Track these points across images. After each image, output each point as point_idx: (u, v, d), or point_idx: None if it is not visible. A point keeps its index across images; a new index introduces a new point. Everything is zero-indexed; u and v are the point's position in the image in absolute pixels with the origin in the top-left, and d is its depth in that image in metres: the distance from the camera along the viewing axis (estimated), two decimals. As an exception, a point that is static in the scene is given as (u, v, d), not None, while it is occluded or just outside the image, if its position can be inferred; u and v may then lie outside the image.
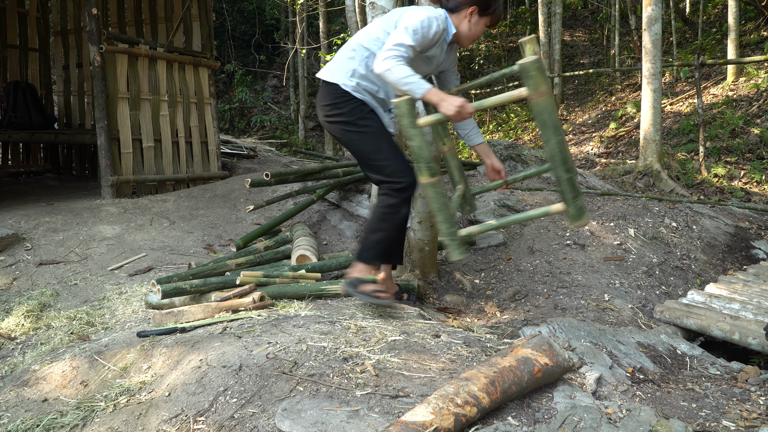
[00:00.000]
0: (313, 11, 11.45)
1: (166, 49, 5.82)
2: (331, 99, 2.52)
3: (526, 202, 4.54)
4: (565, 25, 14.49)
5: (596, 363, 1.99)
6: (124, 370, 2.16)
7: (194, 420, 1.64)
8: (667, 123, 8.62)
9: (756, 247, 4.28)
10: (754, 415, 1.80)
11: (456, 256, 2.37)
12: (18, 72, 7.09)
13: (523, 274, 3.52)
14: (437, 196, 2.29)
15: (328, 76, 2.54)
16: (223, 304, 2.59)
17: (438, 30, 2.39)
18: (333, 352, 1.92)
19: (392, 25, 2.44)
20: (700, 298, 3.04)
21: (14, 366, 2.52)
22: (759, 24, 10.23)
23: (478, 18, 2.48)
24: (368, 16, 3.12)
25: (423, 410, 1.41)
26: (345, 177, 4.48)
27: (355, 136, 2.52)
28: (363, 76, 2.49)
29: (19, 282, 3.49)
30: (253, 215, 4.70)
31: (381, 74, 2.31)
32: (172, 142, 5.85)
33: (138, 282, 3.37)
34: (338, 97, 2.50)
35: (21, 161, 7.24)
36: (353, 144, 2.55)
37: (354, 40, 2.55)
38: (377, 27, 2.50)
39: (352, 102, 2.50)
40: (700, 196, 5.68)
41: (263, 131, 14.53)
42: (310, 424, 1.48)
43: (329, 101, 2.53)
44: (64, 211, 4.59)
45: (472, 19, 2.48)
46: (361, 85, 2.50)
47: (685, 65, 7.18)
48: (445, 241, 2.35)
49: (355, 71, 2.48)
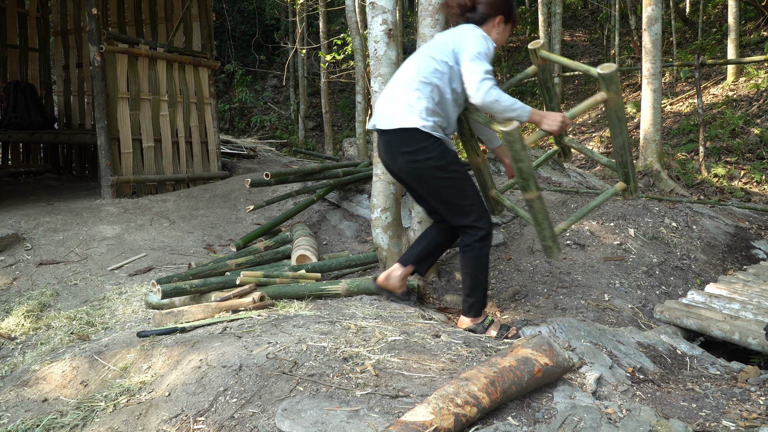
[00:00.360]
0: (313, 11, 11.45)
1: (166, 49, 5.82)
2: (416, 144, 2.43)
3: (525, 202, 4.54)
4: (565, 25, 14.49)
5: (596, 363, 1.99)
6: (124, 370, 2.16)
7: (194, 420, 1.64)
8: (667, 123, 8.62)
9: (756, 247, 4.28)
10: (754, 415, 1.80)
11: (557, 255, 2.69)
12: (18, 72, 7.10)
13: (523, 274, 3.52)
14: (542, 207, 2.56)
15: (402, 122, 2.43)
16: (223, 304, 2.59)
17: (492, 45, 2.45)
18: (333, 352, 1.92)
19: (449, 54, 2.42)
20: (700, 298, 3.04)
21: (14, 366, 2.52)
22: (759, 24, 10.23)
23: (504, 26, 2.57)
24: (368, 16, 3.13)
25: (423, 410, 1.41)
26: (345, 177, 4.48)
27: (445, 181, 2.48)
28: (434, 113, 2.44)
29: (19, 282, 3.49)
30: (253, 215, 4.70)
31: (488, 104, 2.31)
32: (172, 142, 5.85)
33: (138, 282, 3.37)
34: (422, 140, 2.43)
35: (21, 161, 7.24)
36: (442, 190, 2.50)
37: (408, 78, 2.46)
38: (429, 59, 2.45)
39: (437, 144, 2.44)
40: (700, 196, 5.68)
41: (263, 131, 14.53)
42: (310, 424, 1.48)
43: (414, 146, 2.43)
44: (64, 211, 4.59)
45: (499, 27, 2.55)
46: (437, 123, 2.44)
47: (685, 65, 7.18)
48: (548, 244, 2.64)
49: (428, 109, 2.42)
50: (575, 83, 13.02)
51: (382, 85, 3.09)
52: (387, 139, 2.51)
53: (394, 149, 2.49)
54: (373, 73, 3.12)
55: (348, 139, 6.52)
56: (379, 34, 3.07)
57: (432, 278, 3.28)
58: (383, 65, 3.08)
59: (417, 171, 2.48)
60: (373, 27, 3.10)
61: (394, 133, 2.46)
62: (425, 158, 2.44)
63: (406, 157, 2.46)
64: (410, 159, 2.46)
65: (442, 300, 3.17)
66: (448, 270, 3.46)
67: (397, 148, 2.48)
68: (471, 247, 2.56)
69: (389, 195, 3.16)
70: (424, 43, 3.03)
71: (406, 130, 2.43)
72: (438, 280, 3.30)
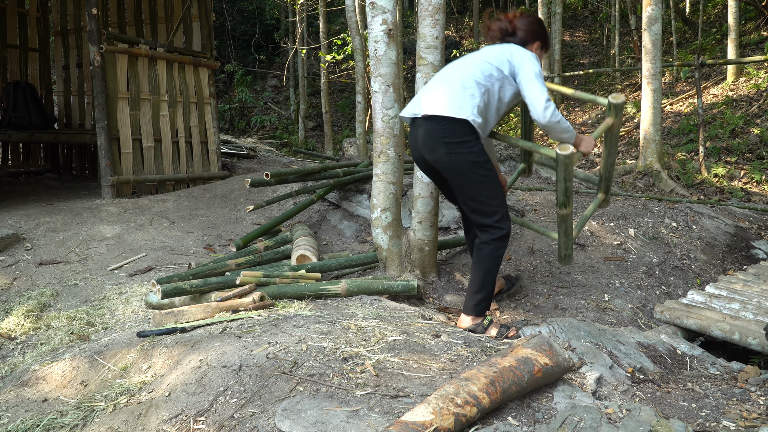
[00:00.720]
0: (313, 11, 11.45)
1: (166, 49, 5.82)
2: (461, 136, 2.49)
3: (525, 202, 4.55)
4: (565, 25, 14.49)
5: (596, 363, 1.99)
6: (124, 370, 2.16)
7: (194, 420, 1.64)
8: (667, 123, 8.62)
9: (756, 247, 4.28)
10: (754, 415, 1.80)
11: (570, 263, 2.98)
12: (18, 72, 7.10)
13: (523, 274, 3.52)
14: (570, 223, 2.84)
15: (454, 111, 2.48)
16: (223, 304, 2.59)
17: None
18: (333, 352, 1.92)
19: (505, 63, 2.57)
20: (700, 298, 3.04)
21: (14, 366, 2.52)
22: (759, 24, 10.23)
23: (540, 51, 2.77)
24: (368, 16, 3.13)
25: (423, 410, 1.41)
26: (345, 177, 4.48)
27: (480, 178, 2.54)
28: (481, 112, 2.53)
29: (19, 282, 3.49)
30: (253, 215, 4.70)
31: (551, 125, 2.50)
32: (172, 142, 5.85)
33: (138, 282, 3.37)
34: (468, 134, 2.49)
35: (21, 161, 7.24)
36: (474, 185, 2.56)
37: (466, 76, 2.55)
38: (486, 63, 2.56)
39: (479, 142, 2.53)
40: (700, 196, 5.68)
41: (263, 131, 14.53)
42: (310, 424, 1.48)
43: (459, 138, 2.49)
44: (64, 211, 4.60)
45: (536, 53, 2.74)
46: (479, 123, 2.52)
47: (685, 65, 7.18)
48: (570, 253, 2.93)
49: (478, 107, 2.50)
50: (575, 83, 13.01)
51: (382, 85, 3.09)
52: (430, 127, 2.54)
53: (437, 138, 2.52)
54: (373, 73, 3.12)
55: (348, 139, 6.53)
56: (379, 34, 3.07)
57: (432, 278, 3.28)
58: (383, 65, 3.08)
59: (455, 163, 2.52)
60: (373, 27, 3.10)
61: (442, 120, 2.50)
62: (467, 152, 2.49)
63: (449, 147, 2.49)
64: (452, 150, 2.49)
65: (442, 300, 3.17)
66: (448, 270, 3.46)
67: (440, 137, 2.51)
68: (489, 245, 2.61)
69: (389, 195, 3.16)
70: (423, 42, 3.04)
71: (456, 120, 2.47)
72: (438, 280, 3.30)
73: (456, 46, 14.65)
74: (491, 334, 2.59)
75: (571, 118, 11.12)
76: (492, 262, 2.62)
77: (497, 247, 2.61)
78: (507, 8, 16.02)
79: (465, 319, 2.66)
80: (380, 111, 3.11)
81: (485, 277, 2.63)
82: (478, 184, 2.55)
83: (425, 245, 3.22)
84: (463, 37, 16.09)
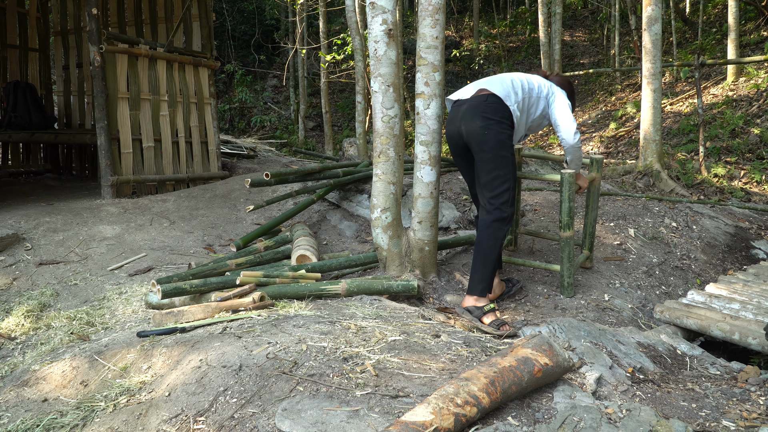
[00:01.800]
0: (313, 11, 11.45)
1: (166, 49, 5.82)
2: (500, 115, 2.83)
3: (526, 202, 4.55)
4: (565, 25, 14.49)
5: (596, 363, 1.99)
6: (124, 370, 2.16)
7: (194, 420, 1.64)
8: (667, 123, 8.62)
9: (756, 247, 4.28)
10: (754, 415, 1.80)
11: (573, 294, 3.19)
12: (18, 72, 7.09)
13: (524, 274, 3.52)
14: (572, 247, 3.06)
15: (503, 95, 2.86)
16: (223, 304, 2.59)
17: None
18: (333, 352, 1.92)
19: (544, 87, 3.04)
20: (700, 298, 3.04)
21: (14, 366, 2.52)
22: (759, 24, 10.23)
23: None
24: (368, 16, 3.12)
25: (423, 410, 1.41)
26: (345, 177, 4.48)
27: (502, 158, 2.82)
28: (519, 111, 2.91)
29: (19, 282, 3.49)
30: (253, 215, 4.70)
31: (574, 148, 2.97)
32: (172, 142, 5.85)
33: (138, 282, 3.37)
34: (506, 117, 2.84)
35: (21, 161, 7.24)
36: (496, 161, 2.81)
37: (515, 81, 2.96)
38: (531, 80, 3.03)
39: (511, 129, 2.88)
40: (700, 196, 5.68)
41: (263, 131, 14.53)
42: (310, 424, 1.48)
43: (498, 117, 2.83)
44: (64, 211, 4.59)
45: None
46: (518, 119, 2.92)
47: (685, 65, 7.18)
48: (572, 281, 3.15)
49: (518, 104, 2.91)
50: (575, 83, 13.01)
51: (382, 85, 3.09)
52: (476, 102, 2.86)
53: (480, 110, 2.83)
54: (373, 73, 3.12)
55: (348, 139, 6.52)
56: (379, 34, 3.07)
57: (432, 278, 3.28)
58: (383, 65, 3.08)
59: (487, 137, 2.80)
60: (373, 27, 3.09)
61: (490, 97, 2.85)
62: (500, 130, 2.80)
63: (486, 121, 2.80)
64: (488, 125, 2.79)
65: (442, 300, 3.17)
66: (448, 270, 3.46)
67: (482, 112, 2.82)
68: (489, 227, 2.81)
69: (389, 195, 3.16)
70: (423, 42, 3.04)
71: (501, 102, 2.83)
72: (438, 280, 3.30)
73: (456, 46, 14.65)
74: (485, 321, 2.68)
75: (571, 118, 11.10)
76: (491, 243, 2.79)
77: (497, 228, 2.79)
78: (507, 8, 16.03)
79: (467, 299, 2.84)
80: (380, 111, 3.11)
81: (485, 257, 2.80)
82: (499, 162, 2.80)
83: (425, 245, 3.22)
84: (463, 37, 16.09)
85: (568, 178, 2.90)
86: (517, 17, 15.39)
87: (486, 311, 2.74)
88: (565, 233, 2.98)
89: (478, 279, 2.81)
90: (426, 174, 3.13)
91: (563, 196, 2.93)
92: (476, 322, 2.78)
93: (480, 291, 2.79)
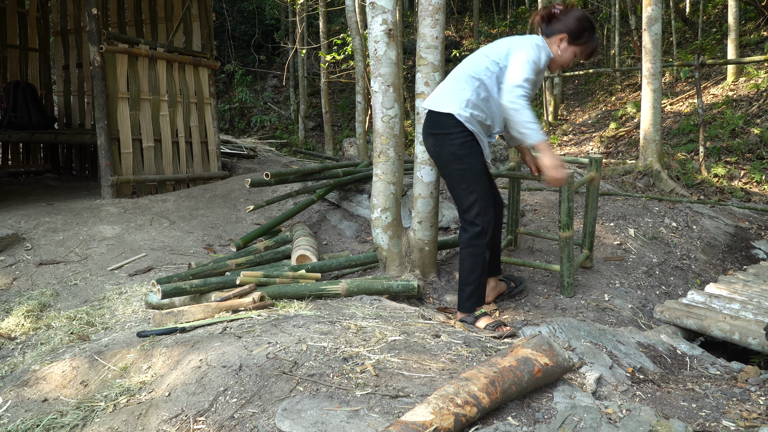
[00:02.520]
0: (313, 11, 11.45)
1: (166, 49, 5.82)
2: (445, 129, 2.63)
3: (526, 202, 4.54)
4: (565, 25, 14.45)
5: (596, 363, 1.99)
6: (124, 370, 2.16)
7: (194, 420, 1.64)
8: (667, 123, 8.62)
9: (756, 247, 4.28)
10: (754, 415, 1.80)
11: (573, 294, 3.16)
12: (18, 72, 7.09)
13: (524, 274, 3.52)
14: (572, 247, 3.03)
15: (441, 106, 2.64)
16: (223, 304, 2.58)
17: (546, 58, 2.63)
18: (333, 352, 1.92)
19: (503, 56, 2.59)
20: (700, 298, 3.04)
21: (14, 366, 2.52)
22: (759, 24, 10.23)
23: (567, 45, 2.67)
24: (368, 16, 3.12)
25: (423, 410, 1.41)
26: (345, 177, 4.48)
27: (458, 171, 2.66)
28: (475, 105, 2.60)
29: (19, 282, 3.49)
30: (253, 215, 4.70)
31: (507, 110, 2.48)
32: (172, 142, 5.85)
33: (138, 282, 3.37)
34: (451, 127, 2.61)
35: (21, 161, 7.24)
36: (452, 176, 2.69)
37: (460, 72, 2.66)
38: (483, 57, 2.64)
39: (463, 134, 2.61)
40: (700, 196, 5.68)
41: (263, 131, 14.53)
42: (310, 424, 1.48)
43: (443, 131, 2.64)
44: (64, 211, 4.59)
45: (561, 45, 2.68)
46: (474, 115, 2.60)
47: (685, 65, 7.17)
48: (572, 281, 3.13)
49: (468, 101, 2.59)
50: (575, 83, 13.02)
51: (382, 85, 3.09)
52: (426, 119, 2.75)
53: (426, 129, 2.73)
54: (373, 73, 3.12)
55: (348, 139, 6.52)
56: (379, 34, 3.07)
57: (432, 278, 3.28)
58: (383, 65, 3.08)
59: (438, 154, 2.70)
60: (373, 27, 3.09)
61: (431, 114, 2.70)
62: (448, 143, 2.63)
63: (433, 138, 2.69)
64: (436, 141, 2.68)
65: (442, 300, 3.17)
66: (448, 270, 3.46)
67: (429, 129, 2.71)
68: (467, 246, 2.72)
69: (389, 195, 3.16)
70: (423, 42, 3.04)
71: (441, 114, 2.64)
72: (438, 280, 3.30)
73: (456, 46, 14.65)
74: (479, 325, 2.67)
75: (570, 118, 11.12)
76: (471, 262, 2.72)
77: (475, 246, 2.69)
78: (507, 8, 16.03)
79: (459, 314, 2.81)
80: (380, 111, 3.11)
81: (468, 275, 2.73)
82: (456, 177, 2.67)
83: (425, 245, 3.22)
84: (463, 37, 16.10)
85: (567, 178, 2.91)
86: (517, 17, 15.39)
87: (478, 316, 2.70)
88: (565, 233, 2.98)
89: (465, 297, 2.75)
90: (426, 174, 3.13)
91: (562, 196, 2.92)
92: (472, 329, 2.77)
93: (469, 308, 2.75)
